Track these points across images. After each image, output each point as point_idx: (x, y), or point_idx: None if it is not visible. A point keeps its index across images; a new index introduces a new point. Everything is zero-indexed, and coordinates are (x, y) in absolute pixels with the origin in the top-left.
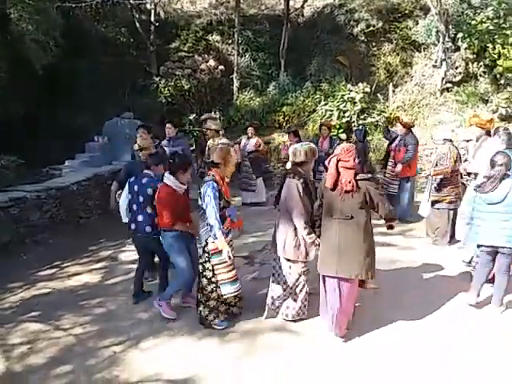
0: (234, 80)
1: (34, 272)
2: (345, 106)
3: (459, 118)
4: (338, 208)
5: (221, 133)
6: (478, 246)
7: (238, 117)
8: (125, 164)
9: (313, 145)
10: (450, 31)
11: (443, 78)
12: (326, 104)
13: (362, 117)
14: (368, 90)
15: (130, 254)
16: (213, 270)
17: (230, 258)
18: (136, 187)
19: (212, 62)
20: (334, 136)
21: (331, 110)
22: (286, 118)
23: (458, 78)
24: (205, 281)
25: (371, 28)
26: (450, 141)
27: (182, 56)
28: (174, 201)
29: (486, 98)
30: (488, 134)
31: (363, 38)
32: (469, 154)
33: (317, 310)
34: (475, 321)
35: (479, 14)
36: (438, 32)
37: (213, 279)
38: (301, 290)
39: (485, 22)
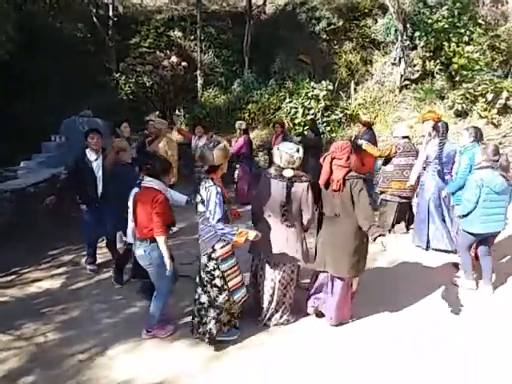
0: (198, 77)
1: None
2: (309, 104)
3: (417, 114)
4: (329, 206)
5: (165, 132)
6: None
7: (203, 114)
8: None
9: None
10: (408, 30)
11: (402, 76)
12: (290, 101)
13: (325, 114)
14: (331, 87)
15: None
16: (223, 277)
17: (257, 235)
18: None
19: (174, 59)
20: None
21: (296, 108)
22: (251, 116)
23: (416, 75)
24: (215, 291)
25: (332, 26)
26: (407, 137)
27: (143, 52)
28: (167, 207)
29: (443, 95)
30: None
31: (325, 36)
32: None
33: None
34: (470, 302)
35: (435, 13)
36: (396, 31)
37: (225, 286)
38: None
39: (440, 21)
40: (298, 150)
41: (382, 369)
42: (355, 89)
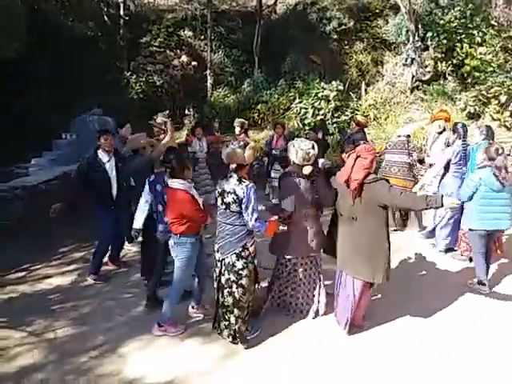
0: (208, 76)
1: (1, 275)
2: (319, 104)
3: (428, 115)
4: (346, 207)
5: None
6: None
7: (213, 114)
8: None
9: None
10: (420, 30)
11: (413, 77)
12: (300, 102)
13: (335, 115)
14: (341, 88)
15: None
16: (249, 276)
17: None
18: (159, 186)
19: (185, 58)
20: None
21: (306, 108)
22: (260, 116)
23: (427, 76)
24: (240, 291)
25: (343, 27)
26: (408, 136)
27: (154, 51)
28: (194, 205)
29: (454, 97)
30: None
31: (335, 37)
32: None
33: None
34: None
35: (447, 13)
36: (407, 31)
37: (251, 288)
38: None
39: (452, 22)
40: (313, 147)
41: (399, 376)
42: (366, 89)
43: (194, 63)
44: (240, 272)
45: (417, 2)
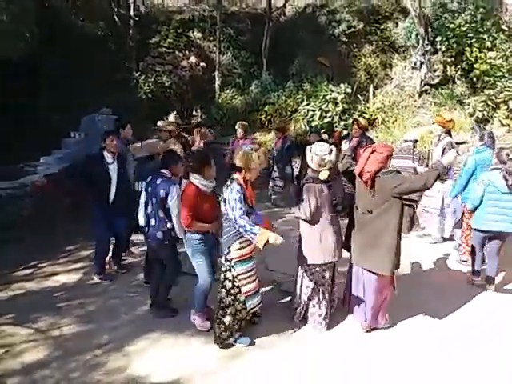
0: (216, 78)
1: (9, 272)
2: (327, 107)
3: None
4: (362, 201)
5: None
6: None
7: (221, 115)
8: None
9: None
10: (429, 34)
11: (422, 81)
12: (308, 104)
13: (343, 117)
14: (349, 90)
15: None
16: (233, 281)
17: (277, 239)
18: (150, 188)
19: (193, 59)
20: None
21: (313, 110)
22: (267, 118)
23: (436, 80)
24: (223, 292)
25: (352, 29)
26: (416, 141)
27: (163, 52)
28: (194, 200)
29: (463, 101)
30: (448, 132)
31: (344, 39)
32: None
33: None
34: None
35: (457, 17)
36: (417, 35)
37: (232, 291)
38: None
39: (463, 26)
40: (330, 152)
41: (406, 377)
42: (374, 92)
43: (202, 64)
44: (224, 273)
45: (427, 6)
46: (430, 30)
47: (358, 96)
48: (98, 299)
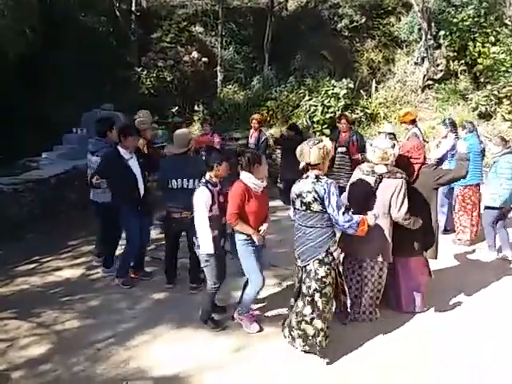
0: (218, 73)
1: (12, 267)
2: (329, 102)
3: (439, 115)
4: None
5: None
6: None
7: (222, 110)
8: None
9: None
10: (432, 29)
11: (425, 76)
12: (310, 99)
13: (345, 113)
14: (352, 85)
15: None
16: (332, 284)
17: (375, 218)
18: None
19: (195, 54)
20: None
21: (315, 106)
22: (269, 113)
23: (439, 75)
24: (324, 301)
25: (354, 24)
26: (393, 135)
27: (164, 47)
28: (242, 198)
29: (466, 96)
30: (413, 123)
31: (346, 34)
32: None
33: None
34: None
35: (461, 12)
36: (420, 29)
37: (331, 295)
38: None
39: (466, 21)
40: (393, 146)
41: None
42: (376, 88)
43: (204, 59)
44: (324, 280)
45: (430, 0)
46: (433, 24)
47: (361, 91)
48: (101, 294)
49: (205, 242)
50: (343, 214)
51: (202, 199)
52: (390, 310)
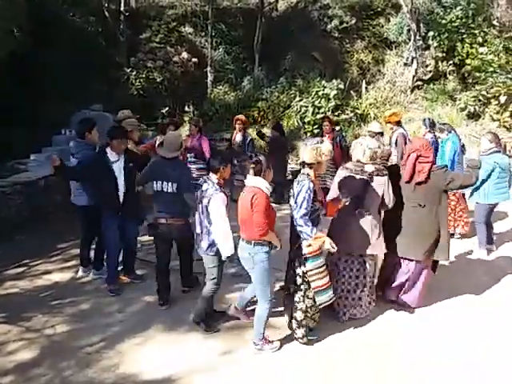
0: (208, 73)
1: (1, 271)
2: (319, 103)
3: (429, 115)
4: (408, 197)
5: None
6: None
7: (213, 111)
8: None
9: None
10: (421, 29)
11: (414, 76)
12: (300, 100)
13: (336, 113)
14: (342, 86)
15: None
16: (303, 277)
17: (333, 247)
18: (198, 192)
19: (185, 55)
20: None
21: (306, 106)
22: (260, 114)
23: (428, 76)
24: (293, 288)
25: (344, 25)
26: (381, 134)
27: (154, 47)
28: (268, 206)
29: (455, 96)
30: (398, 124)
31: (336, 35)
32: None
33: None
34: None
35: (449, 13)
36: (409, 30)
37: (301, 287)
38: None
39: (454, 22)
40: (379, 146)
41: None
42: (366, 88)
43: (194, 60)
44: (295, 270)
45: (419, 1)
46: (421, 25)
47: (351, 92)
48: (91, 297)
49: (227, 246)
50: (301, 217)
51: (222, 205)
52: (387, 306)
